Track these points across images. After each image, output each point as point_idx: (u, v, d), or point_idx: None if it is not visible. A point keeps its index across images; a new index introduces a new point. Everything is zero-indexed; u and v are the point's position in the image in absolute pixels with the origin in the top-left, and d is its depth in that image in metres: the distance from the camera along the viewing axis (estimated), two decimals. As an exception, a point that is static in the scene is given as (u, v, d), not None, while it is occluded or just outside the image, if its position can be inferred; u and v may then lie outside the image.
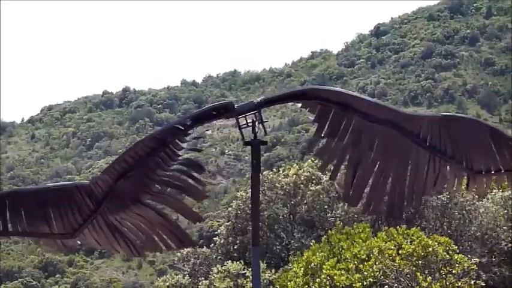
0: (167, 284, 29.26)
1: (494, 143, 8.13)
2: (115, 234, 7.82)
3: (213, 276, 26.91)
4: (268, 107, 8.11)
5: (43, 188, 8.04)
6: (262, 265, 26.30)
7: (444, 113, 8.52)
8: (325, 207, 30.58)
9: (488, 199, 29.20)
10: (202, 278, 28.67)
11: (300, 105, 8.27)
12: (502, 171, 8.25)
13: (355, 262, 20.07)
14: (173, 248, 7.97)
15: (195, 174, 7.54)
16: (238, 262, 27.14)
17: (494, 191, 30.00)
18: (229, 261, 27.51)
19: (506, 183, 8.65)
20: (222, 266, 27.00)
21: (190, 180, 7.53)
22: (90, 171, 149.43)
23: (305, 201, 30.61)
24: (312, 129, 8.42)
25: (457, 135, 8.17)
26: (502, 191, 29.06)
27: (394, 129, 8.04)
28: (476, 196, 28.73)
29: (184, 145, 7.54)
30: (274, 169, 36.88)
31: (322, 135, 8.10)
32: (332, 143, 8.07)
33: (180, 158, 7.53)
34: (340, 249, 21.38)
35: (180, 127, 7.51)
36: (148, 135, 7.62)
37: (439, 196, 28.17)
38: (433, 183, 8.09)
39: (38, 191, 7.91)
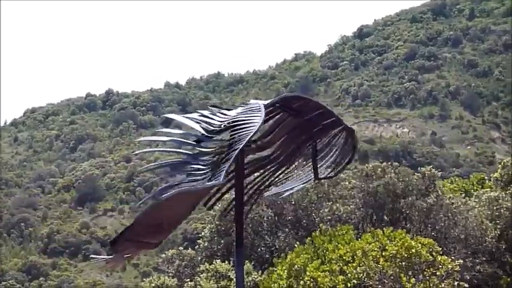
0: (153, 285, 29.08)
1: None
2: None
3: (199, 276, 26.82)
4: None
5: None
6: (249, 266, 26.26)
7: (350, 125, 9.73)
8: (313, 208, 30.55)
9: (473, 200, 29.33)
10: (188, 280, 28.54)
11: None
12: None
13: (340, 264, 20.09)
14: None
15: None
16: (226, 262, 27.08)
17: (481, 191, 30.13)
18: (218, 260, 27.40)
19: (489, 183, 9.15)
20: (210, 265, 26.92)
21: None
22: (73, 174, 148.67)
23: (292, 201, 30.46)
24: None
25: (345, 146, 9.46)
26: (490, 191, 29.20)
27: (315, 134, 8.91)
28: (463, 199, 28.91)
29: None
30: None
31: (266, 138, 8.48)
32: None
33: None
34: (325, 251, 21.39)
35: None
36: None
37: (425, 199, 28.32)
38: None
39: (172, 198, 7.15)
